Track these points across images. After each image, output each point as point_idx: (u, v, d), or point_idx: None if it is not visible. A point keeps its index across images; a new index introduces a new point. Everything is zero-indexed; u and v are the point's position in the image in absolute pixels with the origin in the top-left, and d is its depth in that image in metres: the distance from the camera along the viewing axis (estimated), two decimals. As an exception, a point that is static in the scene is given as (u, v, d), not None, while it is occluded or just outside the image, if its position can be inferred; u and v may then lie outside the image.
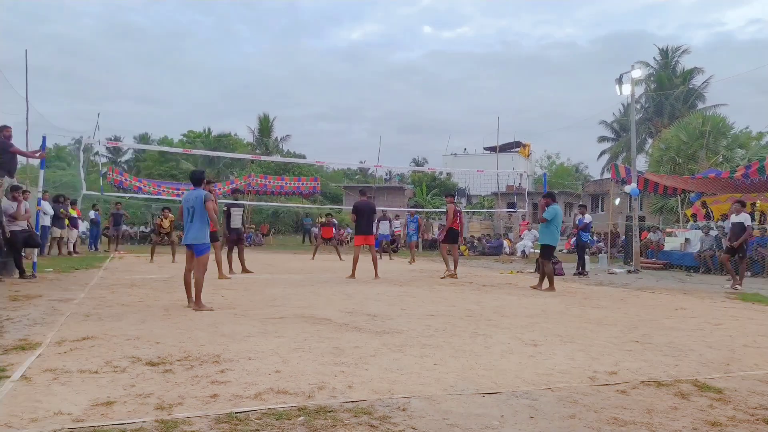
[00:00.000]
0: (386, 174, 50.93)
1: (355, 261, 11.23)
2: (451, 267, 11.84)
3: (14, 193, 9.74)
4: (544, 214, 9.97)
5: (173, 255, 14.87)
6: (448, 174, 43.17)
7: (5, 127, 10.15)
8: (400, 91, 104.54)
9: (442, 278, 11.48)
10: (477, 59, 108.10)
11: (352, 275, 11.10)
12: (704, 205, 18.44)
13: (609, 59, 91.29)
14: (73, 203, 17.95)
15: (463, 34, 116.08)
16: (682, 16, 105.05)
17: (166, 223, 15.60)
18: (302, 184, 31.37)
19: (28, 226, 10.09)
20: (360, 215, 11.26)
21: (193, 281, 6.82)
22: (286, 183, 30.75)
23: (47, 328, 5.21)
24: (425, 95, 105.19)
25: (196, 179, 7.13)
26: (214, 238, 10.26)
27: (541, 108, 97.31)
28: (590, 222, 14.96)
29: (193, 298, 6.75)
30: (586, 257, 15.01)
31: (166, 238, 15.60)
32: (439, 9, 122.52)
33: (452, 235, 12.16)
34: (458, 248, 13.11)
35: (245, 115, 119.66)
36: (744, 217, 10.97)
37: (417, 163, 58.49)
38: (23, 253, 10.15)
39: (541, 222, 10.31)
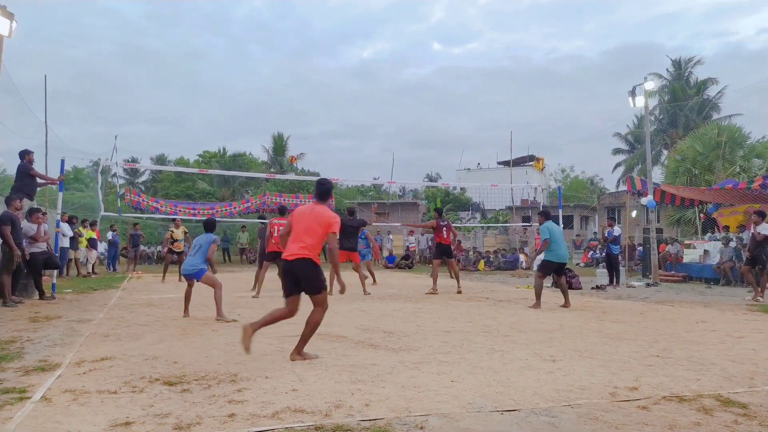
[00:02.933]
0: (400, 190, 51.01)
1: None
2: (437, 285, 11.77)
3: (34, 215, 9.90)
4: (540, 235, 9.68)
5: (164, 273, 14.96)
6: (462, 189, 43.19)
7: (28, 152, 10.38)
8: (412, 107, 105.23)
9: (426, 294, 11.45)
10: (487, 74, 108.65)
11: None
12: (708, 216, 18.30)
13: (619, 71, 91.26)
14: (92, 224, 18.18)
15: (472, 50, 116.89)
16: (692, 27, 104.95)
17: (179, 233, 15.01)
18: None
19: (47, 247, 10.23)
20: (341, 233, 11.01)
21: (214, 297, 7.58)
22: (300, 201, 30.85)
23: (66, 349, 5.26)
24: (437, 111, 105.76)
25: (210, 226, 8.03)
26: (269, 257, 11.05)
27: (553, 121, 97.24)
28: (620, 234, 14.88)
29: (189, 311, 7.68)
30: (622, 269, 14.95)
31: (177, 256, 14.86)
32: (449, 25, 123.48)
33: (441, 250, 11.99)
34: (455, 262, 12.94)
35: (259, 134, 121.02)
36: (764, 227, 10.81)
37: (430, 178, 58.54)
38: (43, 275, 10.27)
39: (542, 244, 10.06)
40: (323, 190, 5.37)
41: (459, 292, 11.59)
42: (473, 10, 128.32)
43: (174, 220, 16.45)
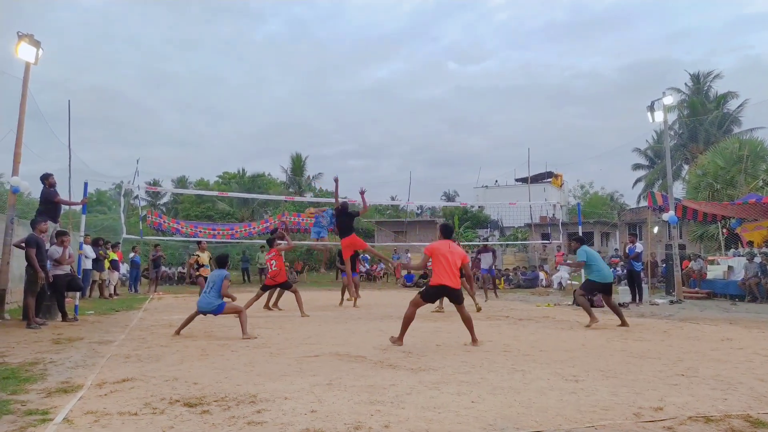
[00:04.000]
0: (417, 209, 50.98)
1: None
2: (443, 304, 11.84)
3: (60, 238, 10.07)
4: (577, 258, 9.61)
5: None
6: (480, 207, 43.04)
7: (49, 176, 10.56)
8: (427, 126, 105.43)
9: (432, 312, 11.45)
10: (502, 92, 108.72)
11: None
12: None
13: (636, 87, 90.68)
14: (114, 246, 18.41)
15: (487, 68, 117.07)
16: (709, 42, 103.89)
17: (204, 258, 14.81)
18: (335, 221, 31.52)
19: (70, 270, 10.38)
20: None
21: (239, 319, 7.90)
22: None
23: (88, 371, 5.31)
24: (452, 129, 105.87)
25: (222, 262, 8.41)
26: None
27: (569, 138, 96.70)
28: (642, 251, 14.71)
29: (182, 332, 7.89)
30: (645, 286, 14.76)
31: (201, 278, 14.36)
32: (463, 45, 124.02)
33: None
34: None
35: (278, 155, 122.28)
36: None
37: (448, 196, 58.45)
38: (66, 296, 10.41)
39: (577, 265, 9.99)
40: (449, 230, 7.56)
41: (478, 310, 11.51)
42: (487, 29, 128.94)
43: (199, 243, 16.20)
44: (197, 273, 15.16)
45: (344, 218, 12.29)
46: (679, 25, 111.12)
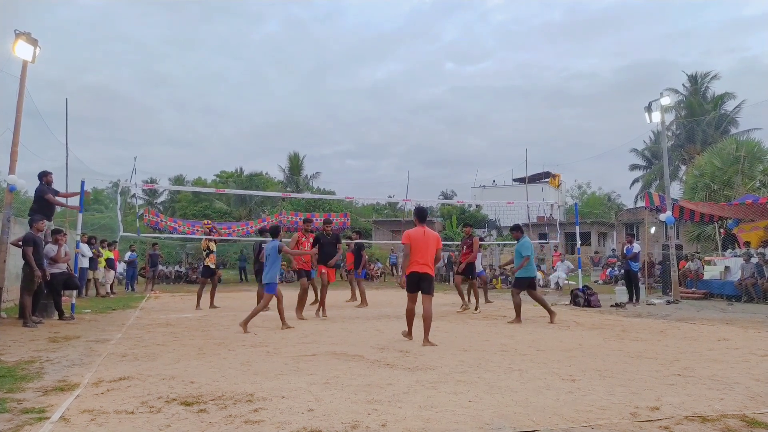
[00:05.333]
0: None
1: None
2: (467, 300, 12.03)
3: (56, 236, 10.05)
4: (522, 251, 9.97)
5: (212, 298, 12.63)
6: (477, 206, 43.07)
7: (46, 173, 10.55)
8: (425, 127, 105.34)
9: (458, 312, 11.56)
10: (499, 92, 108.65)
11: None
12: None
13: (632, 88, 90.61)
14: (111, 245, 18.38)
15: (485, 69, 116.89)
16: (705, 43, 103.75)
17: (213, 245, 12.70)
18: (332, 219, 31.52)
19: (66, 268, 10.36)
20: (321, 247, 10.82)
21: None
22: (316, 219, 30.96)
23: (85, 369, 5.30)
24: (449, 129, 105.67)
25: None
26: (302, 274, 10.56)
27: (566, 138, 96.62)
28: (639, 251, 14.74)
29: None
30: (642, 286, 14.80)
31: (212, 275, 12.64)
32: (461, 45, 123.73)
33: (465, 269, 12.08)
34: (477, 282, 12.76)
35: (275, 154, 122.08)
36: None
37: (446, 196, 58.47)
38: (63, 295, 10.39)
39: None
40: (423, 214, 7.46)
41: (477, 310, 11.59)
42: (486, 29, 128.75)
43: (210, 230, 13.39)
44: (206, 263, 12.69)
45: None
46: (675, 27, 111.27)
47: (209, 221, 14.27)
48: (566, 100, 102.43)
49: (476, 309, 11.79)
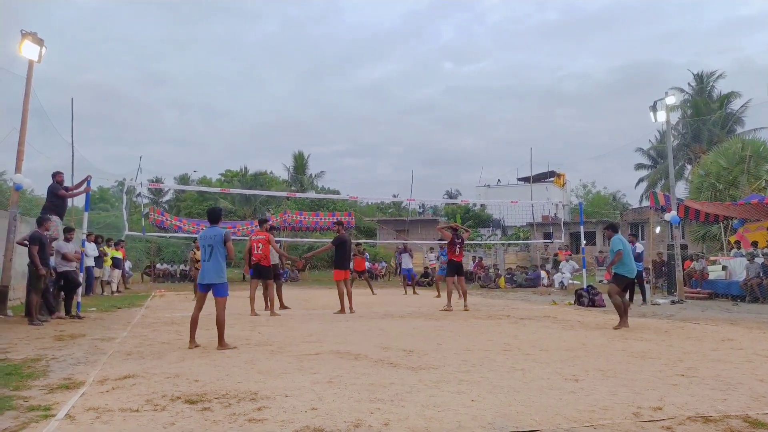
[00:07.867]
0: (419, 207, 51.02)
1: (341, 295, 11.13)
2: (452, 301, 12.08)
3: (68, 234, 10.15)
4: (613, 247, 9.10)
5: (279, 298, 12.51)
6: (482, 205, 43.05)
7: (58, 173, 10.66)
8: (422, 126, 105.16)
9: (441, 311, 11.63)
10: (495, 92, 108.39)
11: (342, 310, 11.00)
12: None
13: (628, 88, 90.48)
14: (117, 244, 18.44)
15: (481, 69, 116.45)
16: (698, 43, 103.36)
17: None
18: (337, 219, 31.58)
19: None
20: (339, 249, 11.31)
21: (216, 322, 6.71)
22: (321, 219, 30.99)
23: (90, 367, 5.34)
24: (446, 129, 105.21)
25: (215, 218, 7.02)
26: (270, 274, 10.77)
27: (562, 138, 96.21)
28: (642, 251, 14.71)
29: (193, 339, 6.70)
30: (647, 286, 14.79)
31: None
32: (457, 45, 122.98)
33: (454, 268, 12.26)
34: (464, 280, 13.12)
35: (278, 153, 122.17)
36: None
37: (450, 195, 58.46)
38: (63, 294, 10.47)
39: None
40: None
41: (466, 309, 11.77)
42: (481, 29, 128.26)
43: (195, 240, 16.16)
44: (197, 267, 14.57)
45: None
46: (668, 27, 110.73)
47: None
48: (561, 99, 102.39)
49: (465, 308, 11.95)
